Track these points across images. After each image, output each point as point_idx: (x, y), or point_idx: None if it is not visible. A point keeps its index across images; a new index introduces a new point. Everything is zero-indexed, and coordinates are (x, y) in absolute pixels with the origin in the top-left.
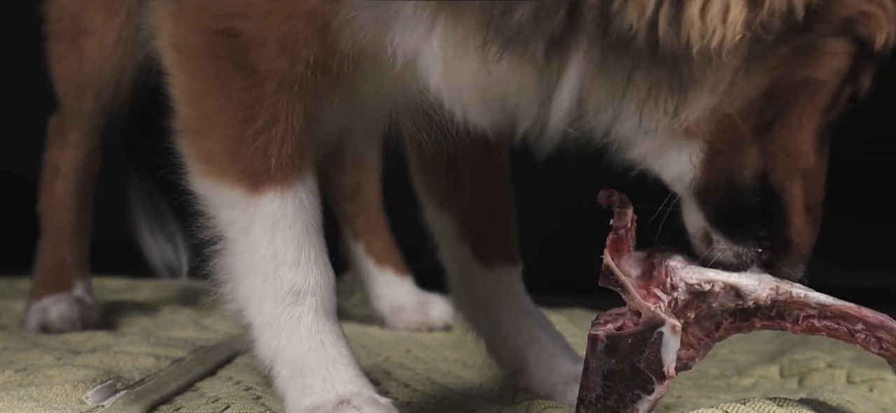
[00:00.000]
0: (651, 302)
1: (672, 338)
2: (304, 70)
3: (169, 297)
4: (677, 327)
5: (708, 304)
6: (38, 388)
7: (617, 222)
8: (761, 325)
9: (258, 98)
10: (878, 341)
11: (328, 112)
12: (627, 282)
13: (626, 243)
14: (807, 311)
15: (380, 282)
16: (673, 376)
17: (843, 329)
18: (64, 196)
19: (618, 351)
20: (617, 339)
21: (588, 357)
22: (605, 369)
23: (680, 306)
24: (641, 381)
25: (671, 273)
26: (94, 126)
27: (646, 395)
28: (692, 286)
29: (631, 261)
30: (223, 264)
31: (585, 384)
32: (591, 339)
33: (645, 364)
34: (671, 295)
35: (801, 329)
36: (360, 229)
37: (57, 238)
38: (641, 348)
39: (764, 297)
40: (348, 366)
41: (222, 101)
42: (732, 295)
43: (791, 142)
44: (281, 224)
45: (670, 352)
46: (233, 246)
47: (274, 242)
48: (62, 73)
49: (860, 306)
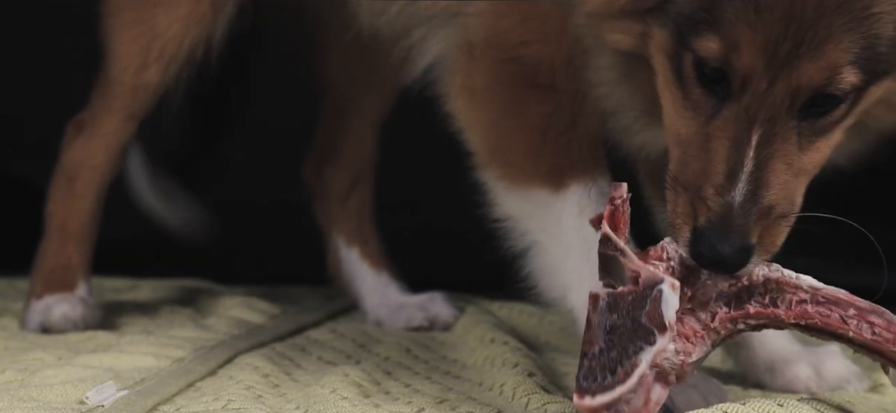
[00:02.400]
0: (649, 267)
1: (671, 294)
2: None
3: (169, 297)
4: (676, 285)
5: (702, 282)
6: (38, 388)
7: (613, 193)
8: (755, 313)
9: (555, 109)
10: (870, 326)
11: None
12: (625, 247)
13: (622, 216)
14: (799, 295)
15: (377, 285)
16: (674, 329)
17: (835, 316)
18: (83, 194)
19: (618, 307)
20: (617, 296)
21: (589, 314)
22: (607, 325)
23: (676, 275)
24: (643, 333)
25: (665, 248)
26: (141, 108)
27: (648, 346)
28: (686, 260)
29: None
30: (537, 265)
31: (588, 338)
32: (592, 297)
33: (646, 318)
34: (667, 264)
35: (794, 315)
36: (353, 233)
37: (65, 237)
38: (642, 305)
39: (757, 274)
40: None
41: (521, 119)
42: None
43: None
44: (587, 211)
45: (670, 307)
46: (546, 243)
47: (583, 228)
48: (125, 44)
49: (852, 294)
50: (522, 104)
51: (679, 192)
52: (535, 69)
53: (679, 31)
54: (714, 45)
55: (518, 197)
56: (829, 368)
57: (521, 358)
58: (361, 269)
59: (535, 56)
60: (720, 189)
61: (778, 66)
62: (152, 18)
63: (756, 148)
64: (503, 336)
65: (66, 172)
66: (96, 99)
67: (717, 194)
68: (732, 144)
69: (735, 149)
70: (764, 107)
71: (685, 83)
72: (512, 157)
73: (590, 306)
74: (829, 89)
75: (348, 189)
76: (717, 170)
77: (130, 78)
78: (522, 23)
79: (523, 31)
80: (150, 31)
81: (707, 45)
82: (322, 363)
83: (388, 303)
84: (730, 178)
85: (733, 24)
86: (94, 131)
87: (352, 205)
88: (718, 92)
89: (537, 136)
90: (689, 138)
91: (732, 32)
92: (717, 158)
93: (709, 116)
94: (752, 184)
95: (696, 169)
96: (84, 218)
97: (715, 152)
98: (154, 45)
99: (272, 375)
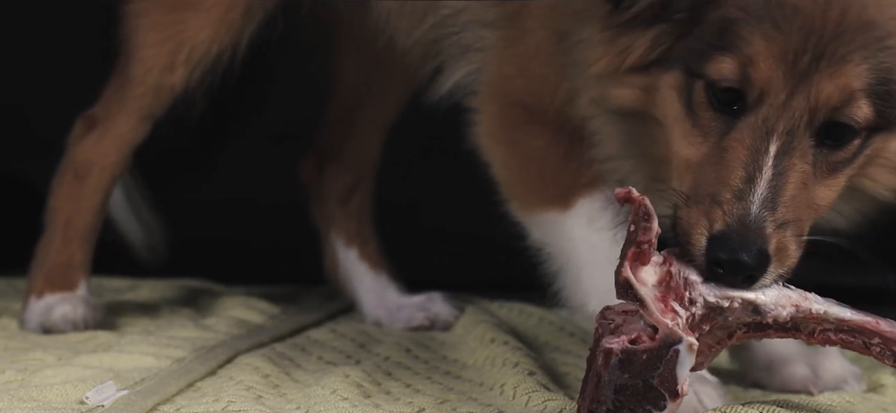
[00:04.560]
0: (669, 317)
1: (688, 356)
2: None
3: (169, 297)
4: (694, 345)
5: (724, 317)
6: (38, 388)
7: (641, 237)
8: (775, 336)
9: (552, 142)
10: (892, 355)
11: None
12: (646, 297)
13: (647, 257)
14: (824, 326)
15: (376, 285)
16: (686, 394)
17: (858, 342)
18: (92, 193)
19: (632, 366)
20: (631, 353)
21: (599, 369)
22: (617, 383)
23: (697, 321)
24: (653, 397)
25: (690, 287)
26: (159, 109)
27: (656, 411)
28: (711, 303)
29: (647, 266)
30: (564, 279)
31: (596, 397)
32: (604, 352)
33: (658, 381)
34: (689, 310)
35: (816, 341)
36: (353, 234)
37: (69, 235)
38: (656, 365)
39: (784, 316)
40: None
41: (525, 155)
42: (750, 310)
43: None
44: (595, 222)
45: (685, 369)
46: (565, 259)
47: (592, 237)
48: (151, 46)
49: (878, 320)
50: (524, 142)
51: (693, 207)
52: (534, 112)
53: (688, 66)
54: (727, 64)
55: (535, 222)
56: (827, 368)
57: (522, 357)
58: (360, 270)
59: (534, 103)
60: (739, 193)
61: (797, 79)
62: (182, 21)
63: (775, 157)
64: (503, 336)
65: (75, 169)
66: (112, 97)
67: (736, 198)
68: (750, 151)
69: (753, 155)
70: (782, 119)
71: (695, 110)
72: (522, 189)
73: (601, 361)
74: (845, 116)
75: (350, 190)
76: (735, 175)
77: (154, 79)
78: (522, 75)
79: (524, 82)
80: (180, 34)
81: (719, 67)
82: (322, 363)
83: (386, 304)
84: (747, 184)
85: (748, 41)
86: (108, 130)
87: (352, 206)
88: (730, 112)
89: (538, 167)
90: (701, 159)
91: (747, 49)
92: (735, 165)
93: (720, 135)
94: (770, 191)
95: (711, 179)
96: (90, 217)
97: (732, 160)
98: (182, 49)
99: (272, 375)
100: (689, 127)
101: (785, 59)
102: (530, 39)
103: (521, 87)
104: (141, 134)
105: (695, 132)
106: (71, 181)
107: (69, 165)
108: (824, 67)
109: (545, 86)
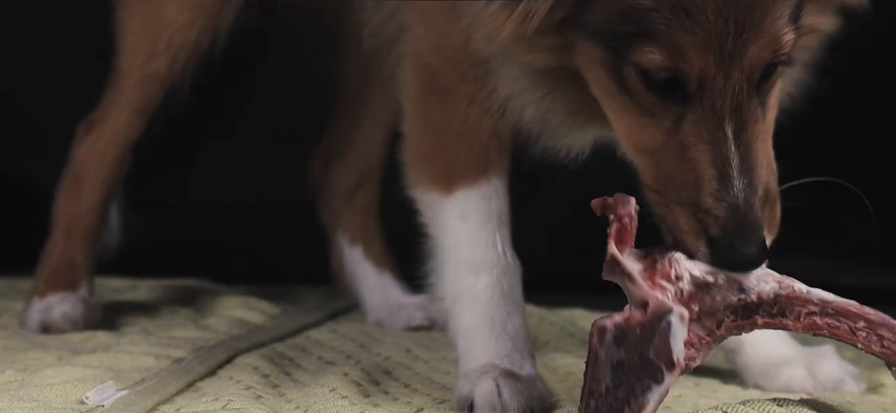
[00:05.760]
0: (657, 292)
1: (680, 326)
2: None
3: (169, 297)
4: (685, 315)
5: (711, 296)
6: (38, 388)
7: (620, 210)
8: (763, 323)
9: (450, 113)
10: (879, 339)
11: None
12: (633, 271)
13: (629, 233)
14: (809, 308)
15: (379, 284)
16: (682, 365)
17: (844, 327)
18: (90, 193)
19: (626, 341)
20: (625, 329)
21: (596, 348)
22: (614, 360)
23: (685, 297)
24: (651, 370)
25: (675, 263)
26: (149, 101)
27: (656, 385)
28: (696, 277)
29: (632, 257)
30: (434, 265)
31: (594, 376)
32: (598, 330)
33: (654, 353)
34: (676, 285)
35: (802, 326)
36: (358, 232)
37: (71, 236)
38: (650, 338)
39: (767, 291)
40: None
41: (423, 121)
42: (735, 288)
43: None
44: (469, 216)
45: (679, 340)
46: (437, 244)
47: (460, 231)
48: (134, 35)
49: (862, 305)
50: (425, 107)
51: (674, 208)
52: (437, 74)
53: (609, 43)
54: (656, 57)
55: (420, 200)
56: (824, 370)
57: None
58: (364, 268)
59: (438, 64)
60: (719, 194)
61: (729, 59)
62: (161, 7)
63: (734, 139)
64: None
65: (75, 172)
66: (107, 97)
67: (718, 200)
68: (712, 147)
69: (717, 150)
70: (727, 99)
71: (633, 93)
72: (417, 160)
73: (596, 339)
74: (776, 58)
75: (355, 188)
76: (707, 177)
77: (139, 68)
78: (429, 32)
79: (430, 40)
80: (159, 19)
81: (649, 58)
82: (322, 363)
83: (388, 303)
84: (723, 180)
85: (669, 32)
86: (104, 128)
87: (357, 204)
88: (674, 98)
89: (433, 138)
90: (658, 149)
91: (671, 40)
92: (704, 166)
93: (673, 122)
94: (745, 176)
95: (684, 182)
96: (90, 217)
97: (699, 161)
98: (162, 35)
99: (272, 375)
100: (632, 106)
101: (712, 47)
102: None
103: (428, 45)
104: (136, 129)
105: (641, 113)
106: (71, 184)
107: (71, 170)
108: (749, 38)
109: (446, 40)
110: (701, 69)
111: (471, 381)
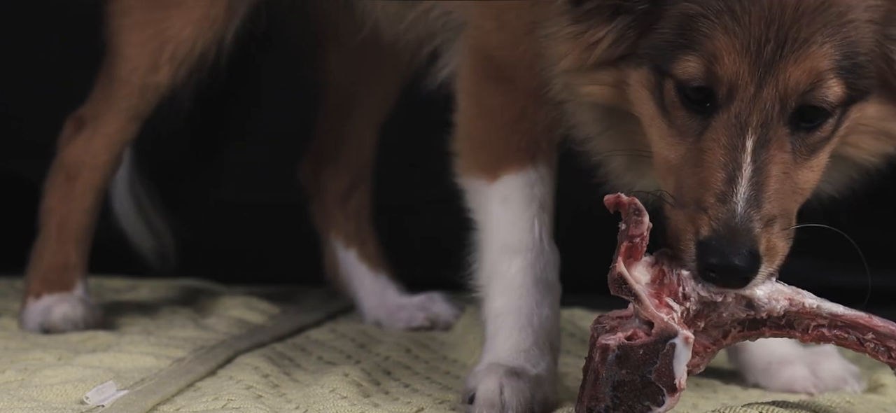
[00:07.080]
0: (664, 312)
1: (684, 349)
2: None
3: (169, 297)
4: (690, 339)
5: (718, 313)
6: (38, 388)
7: (632, 230)
8: (770, 334)
9: (507, 100)
10: (887, 350)
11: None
12: (641, 292)
13: (639, 251)
14: (818, 321)
15: (376, 286)
16: (684, 388)
17: (852, 338)
18: (84, 194)
19: (629, 361)
20: (628, 349)
21: (597, 366)
22: (614, 380)
23: (691, 316)
24: (651, 392)
25: (683, 282)
26: (147, 109)
27: (655, 407)
28: (704, 298)
29: (640, 266)
30: (476, 254)
31: (594, 394)
32: (601, 348)
33: (656, 375)
34: (683, 305)
35: (810, 338)
36: (352, 235)
37: (64, 237)
38: (653, 359)
39: (777, 310)
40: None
41: (479, 107)
42: (744, 305)
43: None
44: (511, 200)
45: (682, 363)
46: (480, 232)
47: (500, 216)
48: (136, 46)
49: (871, 316)
50: (481, 95)
51: (678, 210)
52: (500, 66)
53: (656, 65)
54: (693, 64)
55: (467, 187)
56: (826, 369)
57: None
58: (360, 270)
59: (504, 58)
60: (721, 195)
61: (764, 69)
62: (165, 20)
63: (752, 153)
64: None
65: (66, 170)
66: (99, 97)
67: (719, 201)
68: (727, 150)
69: (731, 154)
70: (755, 112)
71: (669, 110)
72: (467, 146)
73: (599, 357)
74: (816, 98)
75: (348, 190)
76: (715, 177)
77: (140, 78)
78: (499, 29)
79: (499, 36)
80: (163, 32)
81: (685, 67)
82: (322, 363)
83: (386, 304)
84: (730, 183)
85: (710, 37)
86: (97, 130)
87: (351, 206)
88: (703, 111)
89: (486, 123)
90: (680, 160)
91: (710, 45)
92: (715, 166)
93: (697, 135)
94: (753, 189)
95: (693, 183)
96: (84, 217)
97: (711, 161)
98: (166, 47)
99: (272, 375)
100: (666, 127)
101: (748, 52)
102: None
103: (496, 41)
104: (130, 133)
105: (671, 132)
106: (63, 182)
107: (60, 167)
108: (789, 53)
109: (517, 38)
110: (733, 72)
111: (476, 377)
